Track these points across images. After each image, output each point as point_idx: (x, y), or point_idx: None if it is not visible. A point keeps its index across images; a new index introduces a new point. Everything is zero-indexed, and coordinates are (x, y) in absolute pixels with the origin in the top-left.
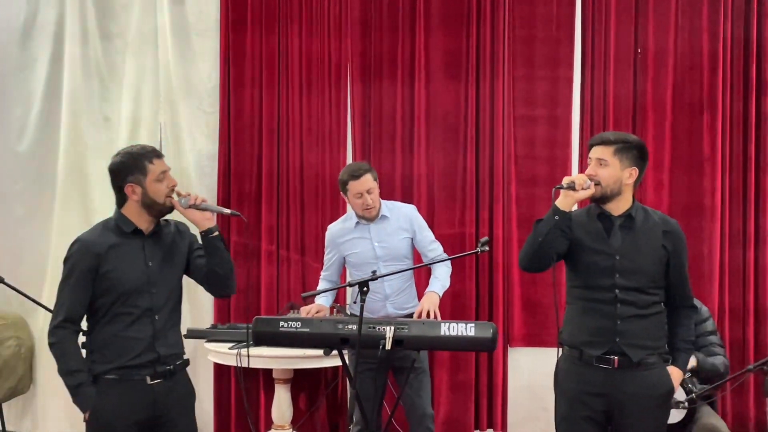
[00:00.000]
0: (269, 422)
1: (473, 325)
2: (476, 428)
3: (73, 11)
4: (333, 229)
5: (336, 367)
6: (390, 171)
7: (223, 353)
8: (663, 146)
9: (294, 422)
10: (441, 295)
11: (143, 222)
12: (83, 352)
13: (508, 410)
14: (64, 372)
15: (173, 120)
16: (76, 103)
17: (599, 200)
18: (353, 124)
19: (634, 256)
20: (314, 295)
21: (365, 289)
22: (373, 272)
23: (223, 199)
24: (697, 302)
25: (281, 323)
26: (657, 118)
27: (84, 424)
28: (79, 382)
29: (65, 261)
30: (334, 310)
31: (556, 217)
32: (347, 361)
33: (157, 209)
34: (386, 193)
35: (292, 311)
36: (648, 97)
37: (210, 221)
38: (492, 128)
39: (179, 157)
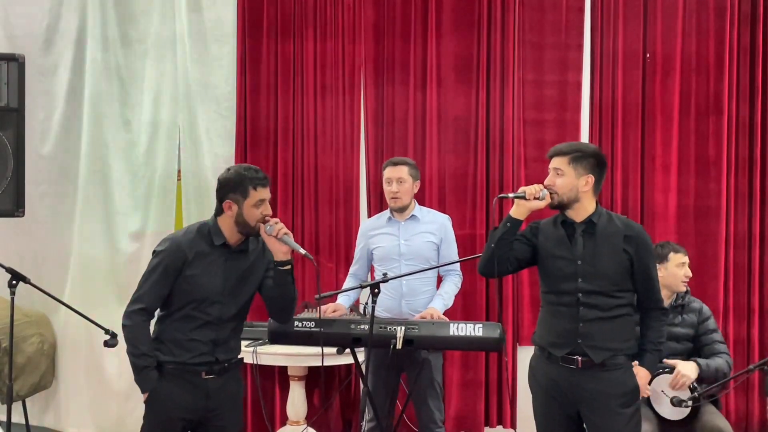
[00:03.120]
0: (284, 418)
1: (481, 325)
2: (486, 425)
3: (95, 18)
4: (366, 222)
5: (349, 365)
6: None
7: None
8: (670, 149)
9: (308, 418)
10: (442, 312)
11: (233, 236)
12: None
13: (518, 407)
14: (134, 354)
15: (191, 123)
16: (98, 106)
17: (558, 208)
18: (366, 127)
19: (595, 261)
20: (328, 297)
21: (376, 290)
22: (384, 274)
23: None
24: (698, 301)
25: (296, 323)
26: (664, 121)
27: (142, 405)
28: (145, 365)
29: (155, 254)
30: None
31: (508, 224)
32: (359, 360)
33: (246, 230)
34: None
35: (306, 310)
36: (656, 100)
37: (285, 254)
38: (502, 131)
39: (196, 160)
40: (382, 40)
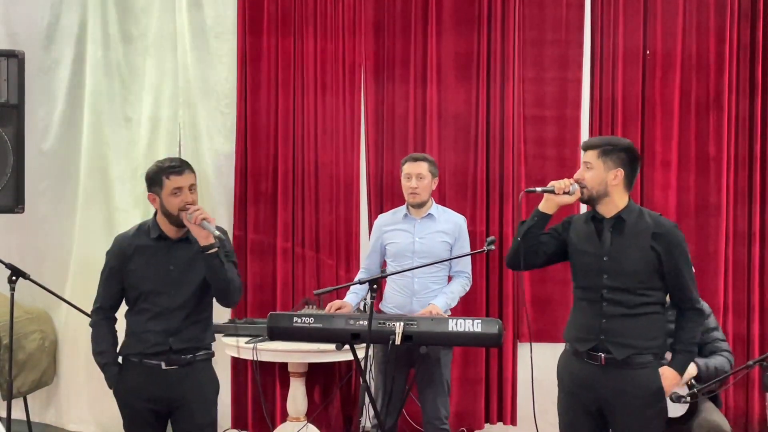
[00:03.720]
0: (285, 415)
1: (480, 321)
2: (486, 422)
3: (95, 15)
4: (382, 217)
5: (350, 361)
6: None
7: (240, 347)
8: (670, 146)
9: (309, 415)
10: (444, 311)
11: (169, 229)
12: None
13: (518, 404)
14: (94, 352)
15: (192, 120)
16: (98, 103)
17: (588, 202)
18: (366, 124)
19: (621, 257)
20: (326, 293)
21: (375, 286)
22: (382, 270)
23: (240, 198)
24: None
25: (295, 318)
26: (664, 118)
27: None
28: (104, 362)
29: (106, 254)
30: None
31: (536, 218)
32: (359, 356)
33: (174, 220)
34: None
35: (306, 307)
36: (656, 97)
37: (207, 239)
38: (502, 128)
39: (197, 157)
40: (382, 37)
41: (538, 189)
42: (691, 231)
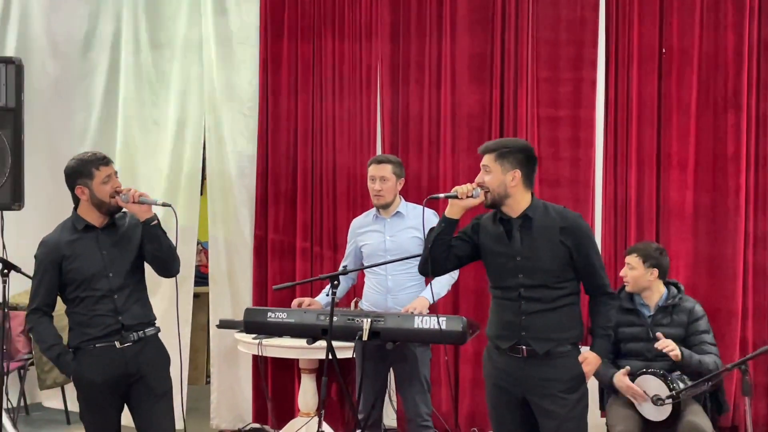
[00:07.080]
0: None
1: (445, 318)
2: None
3: (128, 23)
4: (355, 220)
5: None
6: (417, 171)
7: (249, 343)
8: (687, 146)
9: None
10: (432, 301)
11: (95, 219)
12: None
13: None
14: (44, 349)
15: (216, 123)
16: (130, 108)
17: (492, 206)
18: (383, 126)
19: (534, 255)
20: (286, 288)
21: (336, 282)
22: (344, 267)
23: (261, 198)
24: (691, 301)
25: (269, 314)
26: (681, 117)
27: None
28: (58, 353)
29: (35, 258)
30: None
31: (443, 224)
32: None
33: (105, 208)
34: (413, 193)
35: None
36: (672, 96)
37: (148, 213)
38: (515, 129)
39: (221, 158)
40: (397, 39)
41: (441, 195)
42: (708, 233)
